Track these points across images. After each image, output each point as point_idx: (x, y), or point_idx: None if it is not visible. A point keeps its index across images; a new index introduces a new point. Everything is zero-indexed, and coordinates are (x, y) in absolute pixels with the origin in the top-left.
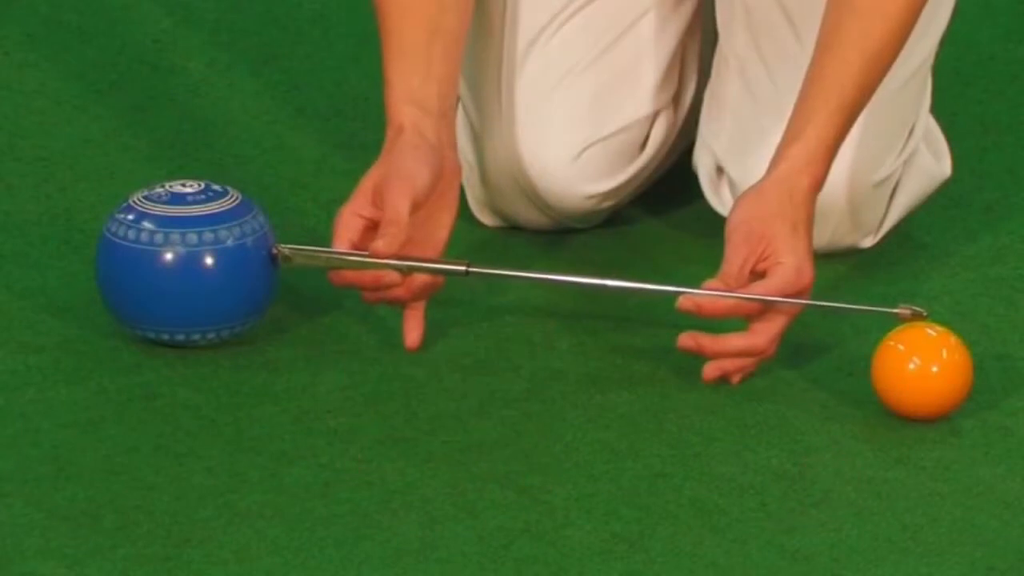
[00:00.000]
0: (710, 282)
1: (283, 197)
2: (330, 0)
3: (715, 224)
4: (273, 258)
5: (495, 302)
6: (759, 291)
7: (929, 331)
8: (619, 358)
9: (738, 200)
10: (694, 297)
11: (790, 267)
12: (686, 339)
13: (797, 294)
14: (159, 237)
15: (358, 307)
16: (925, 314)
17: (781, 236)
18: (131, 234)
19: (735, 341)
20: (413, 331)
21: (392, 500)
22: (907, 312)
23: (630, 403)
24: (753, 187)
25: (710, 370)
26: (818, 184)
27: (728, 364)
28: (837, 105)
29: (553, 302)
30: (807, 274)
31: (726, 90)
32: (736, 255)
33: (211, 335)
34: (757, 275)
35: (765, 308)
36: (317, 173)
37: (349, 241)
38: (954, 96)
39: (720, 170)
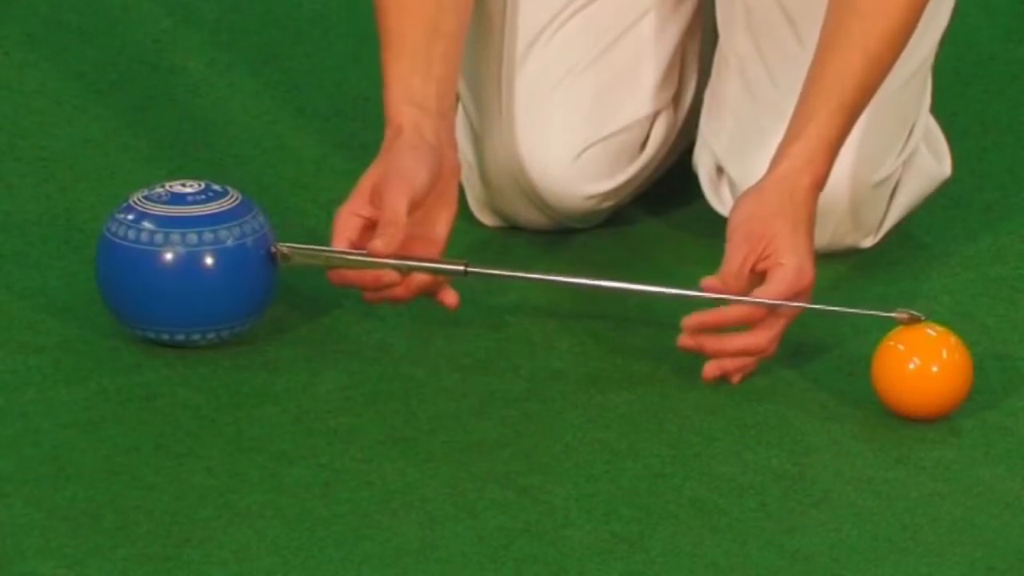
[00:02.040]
0: (709, 280)
1: (283, 197)
2: (330, 0)
3: (715, 224)
4: (272, 257)
5: (495, 302)
6: (761, 296)
7: (929, 331)
8: (619, 358)
9: (739, 199)
10: (700, 316)
11: (791, 268)
12: (686, 339)
13: (798, 294)
14: (159, 237)
15: (358, 307)
16: (923, 319)
17: (782, 235)
18: (131, 234)
19: (736, 340)
20: (448, 296)
21: (392, 500)
22: (904, 316)
23: (630, 403)
24: (754, 186)
25: (710, 369)
26: (819, 183)
27: (728, 363)
28: (838, 104)
29: (553, 302)
30: (808, 273)
31: (726, 90)
32: (736, 254)
33: (211, 335)
34: (757, 275)
35: (768, 312)
36: (317, 173)
37: (348, 240)
38: (954, 96)
39: (720, 170)
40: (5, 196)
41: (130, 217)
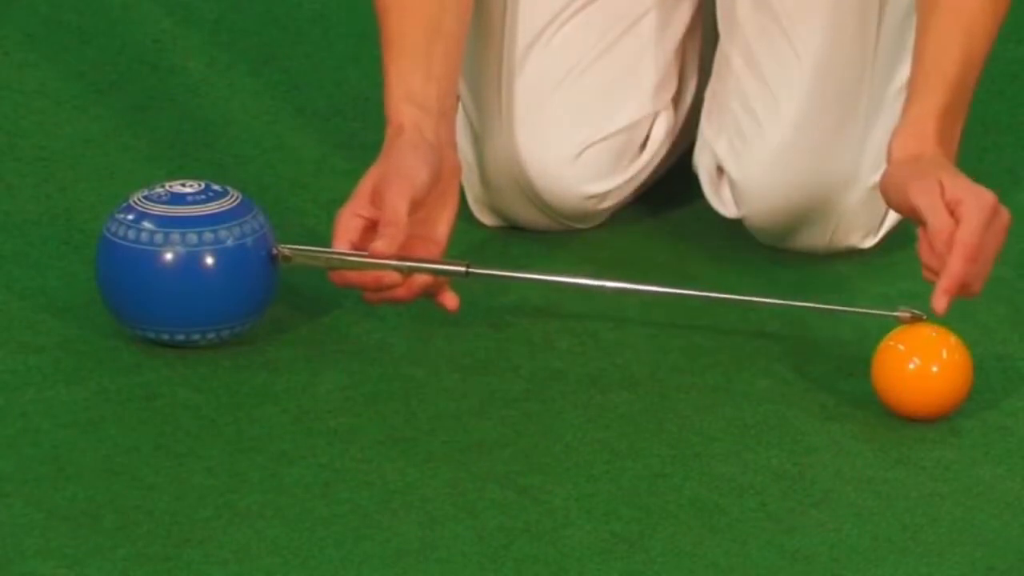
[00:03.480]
0: (954, 252)
1: (283, 197)
2: (330, 0)
3: (715, 224)
4: (273, 258)
5: (495, 302)
6: (966, 226)
7: (929, 331)
8: (619, 358)
9: (886, 177)
10: (944, 297)
11: (973, 194)
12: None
13: (996, 209)
14: (159, 237)
15: (358, 307)
16: (924, 317)
17: (947, 176)
18: (131, 234)
19: (957, 264)
20: (448, 299)
21: (392, 500)
22: (907, 315)
23: (630, 403)
24: (887, 169)
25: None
26: (940, 149)
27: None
28: (939, 76)
29: (553, 302)
30: (986, 193)
31: (727, 90)
32: (930, 201)
33: (211, 335)
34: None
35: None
36: (317, 173)
37: (349, 241)
38: None
39: (720, 170)
40: (5, 196)
41: (130, 217)
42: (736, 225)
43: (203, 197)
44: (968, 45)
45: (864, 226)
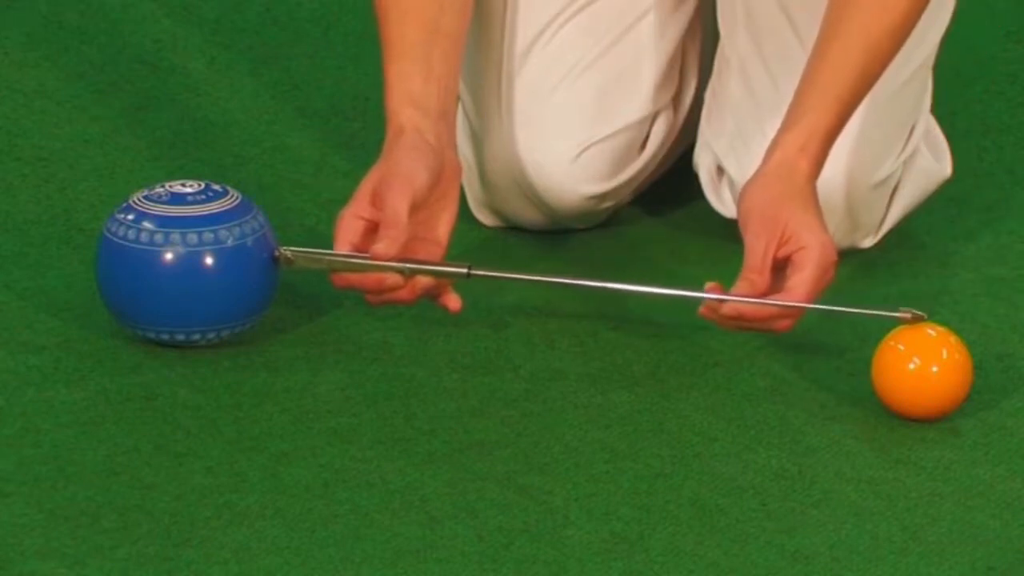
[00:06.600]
0: (738, 286)
1: (283, 197)
2: (330, 0)
3: (715, 224)
4: (275, 260)
5: (495, 302)
6: (795, 284)
7: (929, 331)
8: (619, 358)
9: (742, 193)
10: (737, 305)
11: (815, 247)
12: (705, 310)
13: (827, 271)
14: (159, 237)
15: (358, 307)
16: (925, 317)
17: (796, 216)
18: (131, 234)
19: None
20: (450, 300)
21: (392, 500)
22: (908, 316)
23: (630, 403)
24: (753, 177)
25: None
26: (815, 170)
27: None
28: (835, 95)
29: (553, 302)
30: (830, 248)
31: (727, 90)
32: (756, 245)
33: (211, 335)
34: (779, 261)
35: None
36: (317, 173)
37: (350, 243)
38: (954, 96)
39: (720, 170)
40: (5, 196)
41: (130, 217)
42: (736, 225)
43: (203, 197)
44: (869, 67)
45: (864, 226)
